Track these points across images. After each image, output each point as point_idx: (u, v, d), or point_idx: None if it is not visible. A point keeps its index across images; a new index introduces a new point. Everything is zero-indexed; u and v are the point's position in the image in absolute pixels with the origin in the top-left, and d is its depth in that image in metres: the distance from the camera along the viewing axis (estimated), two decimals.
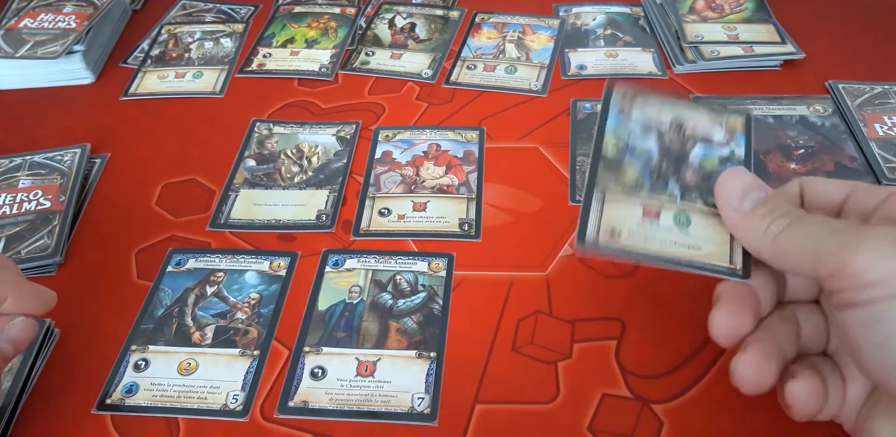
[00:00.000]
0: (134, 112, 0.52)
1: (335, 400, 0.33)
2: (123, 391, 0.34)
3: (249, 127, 0.50)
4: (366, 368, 0.35)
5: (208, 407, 0.33)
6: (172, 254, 0.41)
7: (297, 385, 0.34)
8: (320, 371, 0.35)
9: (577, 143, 0.47)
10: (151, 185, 0.46)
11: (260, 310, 0.37)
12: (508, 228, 0.42)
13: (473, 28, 0.59)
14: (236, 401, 0.33)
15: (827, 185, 0.29)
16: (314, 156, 0.47)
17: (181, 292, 0.38)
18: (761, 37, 0.54)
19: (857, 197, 0.27)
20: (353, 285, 0.38)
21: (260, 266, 0.40)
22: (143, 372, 0.35)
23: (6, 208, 0.44)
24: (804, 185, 0.29)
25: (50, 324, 0.37)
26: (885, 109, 0.47)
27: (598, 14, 0.59)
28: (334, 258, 0.40)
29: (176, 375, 0.35)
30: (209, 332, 0.36)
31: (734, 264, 0.29)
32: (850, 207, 0.27)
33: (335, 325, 0.37)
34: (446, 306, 0.37)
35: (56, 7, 0.57)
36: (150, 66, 0.56)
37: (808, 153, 0.45)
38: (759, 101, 0.49)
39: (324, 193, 0.44)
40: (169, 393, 0.34)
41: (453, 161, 0.46)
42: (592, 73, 0.53)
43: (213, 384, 0.34)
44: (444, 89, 0.52)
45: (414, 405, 0.33)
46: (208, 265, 0.40)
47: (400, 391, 0.33)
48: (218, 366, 0.35)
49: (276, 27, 0.60)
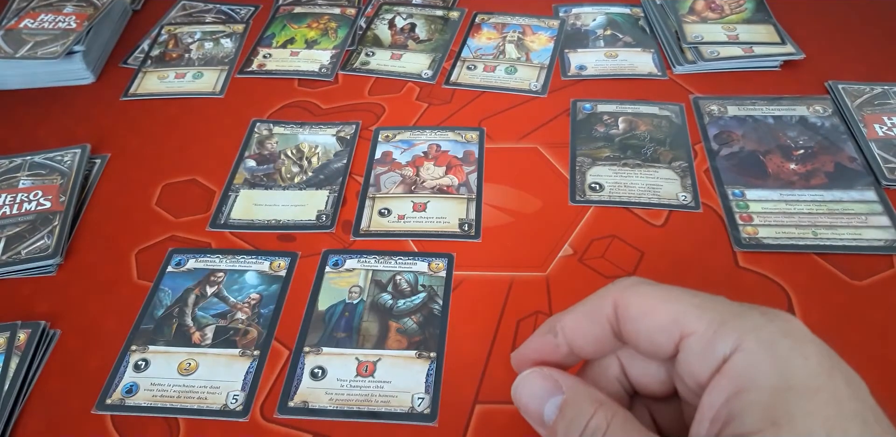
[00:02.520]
0: (134, 112, 0.52)
1: (335, 400, 0.33)
2: (123, 392, 0.34)
3: (249, 127, 0.50)
4: (366, 368, 0.35)
5: (208, 407, 0.33)
6: (172, 254, 0.41)
7: (297, 385, 0.34)
8: (320, 371, 0.35)
9: (576, 143, 0.47)
10: (151, 185, 0.46)
11: (260, 310, 0.37)
12: (508, 228, 0.42)
13: (473, 28, 0.59)
14: (236, 401, 0.33)
15: (648, 330, 0.22)
16: (314, 156, 0.47)
17: (181, 293, 0.39)
18: (761, 37, 0.54)
19: (687, 353, 0.21)
20: (353, 285, 0.39)
21: (260, 266, 0.40)
22: (143, 372, 0.35)
23: (6, 209, 0.44)
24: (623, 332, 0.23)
25: (45, 325, 0.37)
26: (884, 110, 0.48)
27: (597, 15, 0.60)
28: (334, 259, 0.40)
29: (176, 375, 0.35)
30: (209, 332, 0.36)
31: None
32: (682, 365, 0.22)
33: (335, 325, 0.37)
34: (446, 306, 0.37)
35: (56, 7, 0.57)
36: (150, 66, 0.56)
37: (808, 154, 0.45)
38: (759, 101, 0.49)
39: (324, 194, 0.44)
40: (169, 393, 0.34)
41: (453, 161, 0.46)
42: (592, 73, 0.53)
43: (213, 385, 0.34)
44: (444, 90, 0.52)
45: (414, 405, 0.33)
46: (208, 266, 0.40)
47: (400, 391, 0.34)
48: (218, 366, 0.35)
49: (277, 28, 0.60)
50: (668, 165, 0.45)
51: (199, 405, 0.33)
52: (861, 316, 0.36)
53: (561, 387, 0.24)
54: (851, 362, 0.35)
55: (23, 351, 0.36)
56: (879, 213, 0.41)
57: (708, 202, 0.42)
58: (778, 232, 0.40)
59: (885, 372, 0.34)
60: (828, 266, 0.38)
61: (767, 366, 0.20)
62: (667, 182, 0.44)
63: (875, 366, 0.34)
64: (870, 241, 0.39)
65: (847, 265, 0.38)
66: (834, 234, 0.40)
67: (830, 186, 0.43)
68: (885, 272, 0.38)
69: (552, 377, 0.24)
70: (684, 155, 0.46)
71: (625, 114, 0.49)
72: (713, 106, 0.49)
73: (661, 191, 0.43)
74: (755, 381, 0.20)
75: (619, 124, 0.48)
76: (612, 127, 0.48)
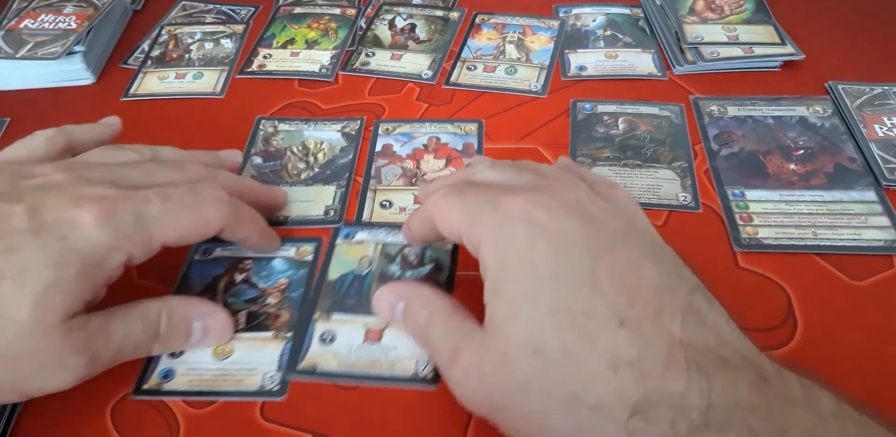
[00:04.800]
0: (134, 113, 0.52)
1: (343, 363, 0.35)
2: (160, 377, 0.35)
3: (255, 125, 0.50)
4: (373, 335, 0.36)
5: (246, 389, 0.34)
6: (198, 243, 0.41)
7: (305, 349, 0.35)
8: (329, 337, 0.36)
9: (576, 144, 0.47)
10: None
11: (290, 294, 0.38)
12: None
13: (473, 29, 0.59)
14: (273, 382, 0.34)
15: (445, 231, 0.32)
16: (320, 152, 0.47)
17: (210, 280, 0.39)
18: (761, 38, 0.54)
19: (466, 246, 0.30)
20: (362, 256, 0.40)
21: (287, 253, 0.40)
22: (178, 358, 0.35)
23: None
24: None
25: None
26: (884, 110, 0.48)
27: (597, 15, 0.60)
28: (345, 231, 0.41)
29: (211, 359, 0.35)
30: (242, 317, 0.37)
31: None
32: (468, 244, 0.30)
33: (345, 293, 0.38)
34: (452, 277, 0.38)
35: (56, 8, 0.57)
36: (150, 66, 0.56)
37: (808, 154, 0.45)
38: (759, 101, 0.49)
39: (331, 189, 0.45)
40: (206, 377, 0.35)
41: (453, 154, 0.47)
42: (592, 74, 0.53)
43: (248, 367, 0.35)
44: (444, 90, 0.53)
45: (418, 370, 0.34)
46: (235, 254, 0.41)
47: (405, 358, 0.35)
48: (252, 349, 0.36)
49: (277, 28, 0.60)
50: (668, 166, 0.45)
51: (237, 387, 0.34)
52: (861, 316, 0.36)
53: (401, 295, 0.33)
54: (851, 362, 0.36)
55: None
56: (879, 213, 0.41)
57: (708, 203, 0.43)
58: (778, 232, 0.40)
59: (885, 372, 0.34)
60: (828, 266, 0.39)
61: (492, 253, 0.28)
62: (667, 182, 0.44)
63: (875, 366, 0.34)
64: (869, 241, 0.39)
65: (847, 266, 0.38)
66: (834, 234, 0.40)
67: (830, 186, 0.43)
68: (885, 272, 0.38)
69: (395, 290, 0.34)
70: (684, 155, 0.46)
71: (625, 114, 0.49)
72: (713, 106, 0.49)
73: (661, 191, 0.43)
74: (487, 264, 0.28)
75: (619, 125, 0.48)
76: (612, 127, 0.48)
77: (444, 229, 0.31)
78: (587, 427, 0.24)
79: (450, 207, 0.30)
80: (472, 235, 0.29)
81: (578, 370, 0.24)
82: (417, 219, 0.34)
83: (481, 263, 0.29)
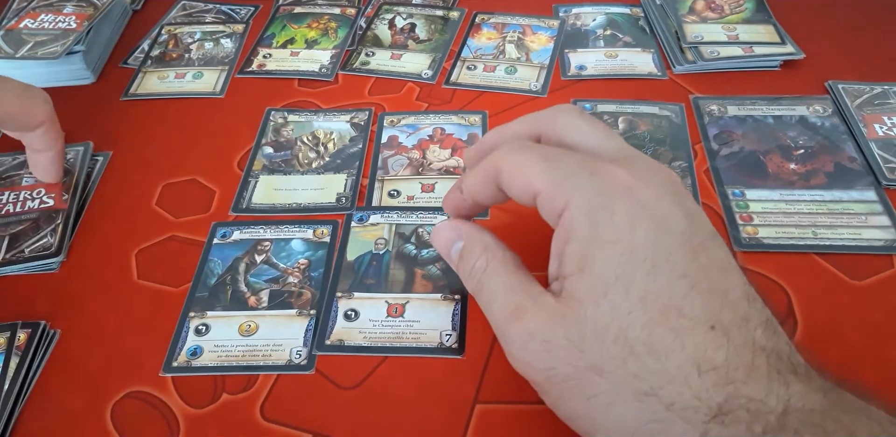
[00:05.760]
0: (134, 113, 0.52)
1: (369, 338, 0.36)
2: (188, 354, 0.36)
3: (265, 116, 0.51)
4: (395, 309, 0.37)
5: (274, 363, 0.35)
6: (217, 227, 0.42)
7: (332, 326, 0.36)
8: (353, 313, 0.37)
9: None
10: (152, 185, 0.46)
11: (310, 274, 0.39)
12: (509, 228, 0.42)
13: (473, 28, 0.59)
14: (300, 356, 0.35)
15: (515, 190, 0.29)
16: (330, 142, 0.48)
17: (231, 261, 0.40)
18: (761, 37, 0.54)
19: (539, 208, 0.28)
20: (378, 237, 0.41)
21: (304, 234, 0.41)
22: (204, 336, 0.37)
23: (9, 206, 0.44)
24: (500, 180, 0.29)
25: (45, 325, 0.37)
26: (884, 110, 0.48)
27: (597, 15, 0.60)
28: (359, 215, 0.42)
29: (237, 336, 0.36)
30: (264, 296, 0.38)
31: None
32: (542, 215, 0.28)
33: (364, 273, 0.39)
34: None
35: (56, 7, 0.57)
36: (150, 66, 0.57)
37: (808, 153, 0.45)
38: (759, 101, 0.49)
39: (342, 177, 0.45)
40: (234, 353, 0.36)
41: (458, 144, 0.47)
42: (592, 73, 0.53)
43: (275, 342, 0.36)
44: (444, 90, 0.53)
45: (442, 340, 0.36)
46: (254, 236, 0.42)
47: (429, 329, 0.36)
48: (277, 326, 0.37)
49: (277, 28, 0.60)
50: (668, 165, 0.45)
51: (265, 362, 0.35)
52: (861, 316, 0.36)
53: (462, 235, 0.31)
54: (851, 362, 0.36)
55: (23, 351, 0.36)
56: (879, 213, 0.41)
57: (708, 202, 0.43)
58: (778, 232, 0.40)
59: (885, 372, 0.34)
60: (828, 266, 0.39)
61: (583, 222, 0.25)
62: None
63: (875, 366, 0.34)
64: (870, 241, 0.39)
65: (847, 265, 0.38)
66: (834, 234, 0.40)
67: (830, 186, 0.43)
68: (885, 272, 0.38)
69: (456, 227, 0.32)
70: (684, 155, 0.46)
71: (625, 114, 0.49)
72: (713, 106, 0.49)
73: None
74: (574, 233, 0.26)
75: (619, 124, 0.48)
76: (612, 127, 0.48)
77: (516, 184, 0.28)
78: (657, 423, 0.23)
79: (527, 162, 0.27)
80: (555, 196, 0.26)
81: (661, 366, 0.23)
82: (477, 175, 0.30)
83: (562, 229, 0.26)
